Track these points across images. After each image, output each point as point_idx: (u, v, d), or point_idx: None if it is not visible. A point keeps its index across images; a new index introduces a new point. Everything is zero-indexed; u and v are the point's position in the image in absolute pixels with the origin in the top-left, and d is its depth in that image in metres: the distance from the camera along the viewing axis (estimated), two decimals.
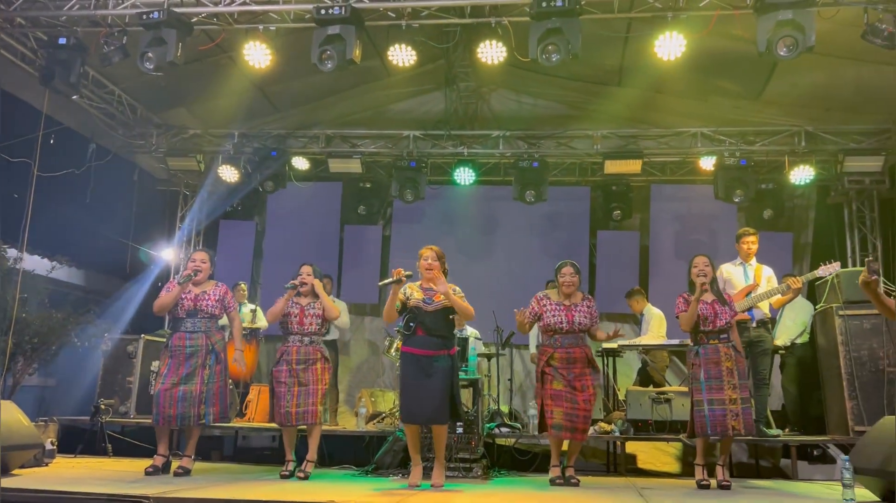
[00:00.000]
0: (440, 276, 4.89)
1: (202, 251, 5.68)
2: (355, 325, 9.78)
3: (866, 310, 6.26)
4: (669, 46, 6.15)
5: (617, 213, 9.13)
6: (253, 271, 10.08)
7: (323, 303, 5.49)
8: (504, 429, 6.74)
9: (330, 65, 5.97)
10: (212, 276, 5.62)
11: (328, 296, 5.93)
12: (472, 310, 4.98)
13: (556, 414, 5.13)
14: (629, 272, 9.24)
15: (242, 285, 8.59)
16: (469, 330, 7.82)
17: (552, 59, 5.77)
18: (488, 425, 6.66)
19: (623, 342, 7.44)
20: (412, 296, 4.97)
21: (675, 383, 7.74)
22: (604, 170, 8.87)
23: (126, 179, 9.35)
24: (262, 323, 8.39)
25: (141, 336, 7.68)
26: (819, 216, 9.36)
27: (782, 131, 8.53)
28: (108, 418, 6.82)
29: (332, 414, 8.11)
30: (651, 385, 7.32)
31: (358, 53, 5.99)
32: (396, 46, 6.42)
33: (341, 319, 8.04)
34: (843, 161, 8.29)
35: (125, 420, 7.26)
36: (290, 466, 5.35)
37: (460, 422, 5.62)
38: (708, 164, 8.77)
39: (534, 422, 6.76)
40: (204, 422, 5.29)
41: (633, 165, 8.69)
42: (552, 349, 5.23)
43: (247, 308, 8.45)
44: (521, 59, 6.07)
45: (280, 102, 8.98)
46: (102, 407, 6.71)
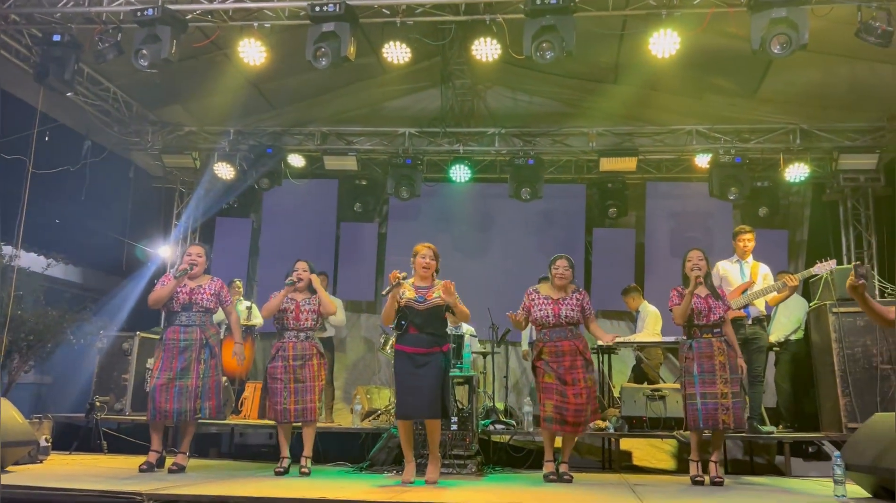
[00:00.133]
0: (452, 291, 4.90)
1: (198, 245, 5.69)
2: (351, 323, 9.78)
3: (860, 307, 6.25)
4: (664, 44, 6.16)
5: (612, 210, 9.14)
6: (249, 268, 10.07)
7: (320, 299, 5.50)
8: (499, 426, 6.76)
9: (324, 62, 5.96)
10: (207, 272, 5.62)
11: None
12: (468, 313, 5.06)
13: (548, 407, 5.16)
14: (625, 269, 9.25)
15: (238, 282, 8.58)
16: (465, 327, 7.84)
17: (546, 56, 5.78)
18: (483, 422, 6.67)
19: (618, 339, 7.46)
20: (404, 294, 4.98)
21: (670, 380, 7.75)
22: (599, 167, 8.87)
23: (122, 177, 9.35)
24: (258, 320, 8.38)
25: (136, 333, 7.67)
26: (814, 214, 9.38)
27: (777, 129, 8.53)
28: (104, 415, 6.83)
29: (328, 411, 8.11)
30: (645, 382, 7.33)
31: (352, 51, 5.99)
32: (391, 44, 6.42)
33: (337, 316, 8.06)
34: (837, 158, 8.30)
35: (120, 417, 7.26)
36: (284, 463, 5.35)
37: (454, 418, 5.65)
38: (703, 161, 8.78)
39: (528, 419, 6.79)
40: (200, 416, 5.30)
41: (628, 163, 8.70)
42: (542, 343, 5.27)
43: (242, 305, 8.44)
44: (516, 56, 6.07)
45: (276, 99, 8.97)
46: (97, 404, 6.71)
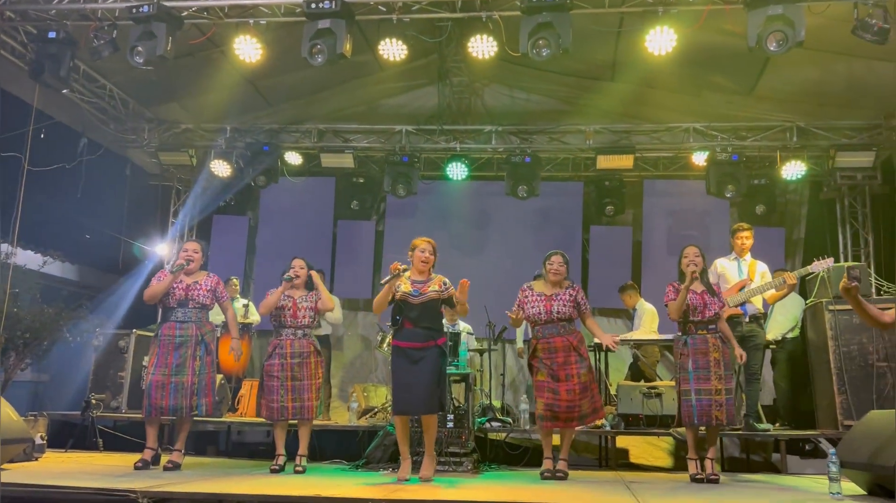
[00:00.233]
0: (466, 291, 4.92)
1: (194, 241, 5.68)
2: (348, 321, 9.78)
3: (853, 309, 6.25)
4: (660, 41, 6.15)
5: (610, 208, 9.14)
6: (246, 266, 10.06)
7: (320, 294, 5.50)
8: (495, 424, 6.76)
9: (320, 59, 5.95)
10: (204, 269, 5.61)
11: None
12: (468, 310, 5.13)
13: (540, 404, 5.18)
14: (622, 267, 9.25)
15: (234, 280, 8.56)
16: (462, 325, 7.85)
17: (542, 53, 5.77)
18: (479, 420, 6.67)
19: (617, 338, 7.45)
20: (399, 287, 4.97)
21: (667, 378, 7.75)
22: (596, 165, 8.86)
23: (118, 174, 9.33)
24: (255, 318, 8.38)
25: (132, 331, 7.65)
26: (811, 211, 9.38)
27: (774, 126, 8.53)
28: (99, 413, 6.81)
29: (324, 409, 8.11)
30: (642, 380, 7.33)
31: (348, 48, 5.98)
32: (387, 40, 6.41)
33: (334, 314, 8.03)
34: (834, 156, 8.30)
35: (116, 415, 7.25)
36: (280, 460, 5.34)
37: (450, 415, 5.64)
38: (700, 159, 8.78)
39: (525, 417, 6.78)
40: (196, 412, 5.29)
41: (625, 160, 8.69)
42: (536, 341, 5.27)
43: (239, 303, 8.43)
44: (512, 53, 6.06)
45: (272, 97, 8.95)
46: (93, 401, 6.70)
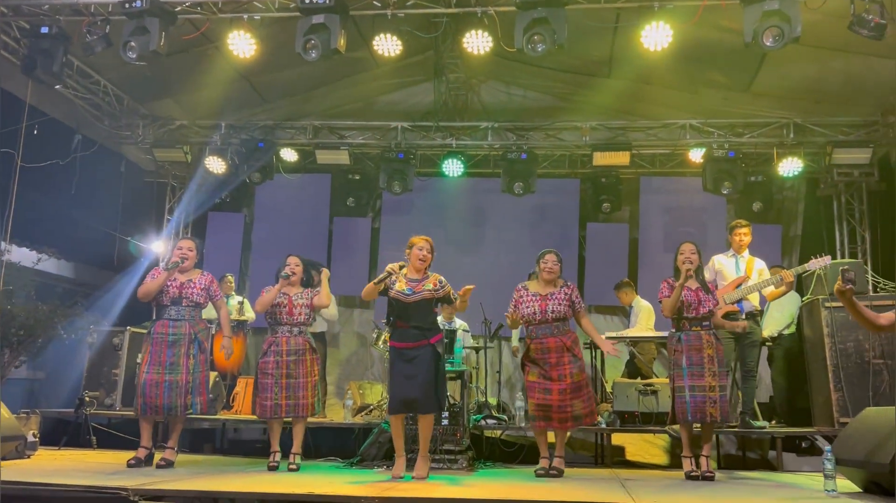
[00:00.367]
0: (467, 298, 4.97)
1: (189, 239, 5.65)
2: (344, 318, 9.75)
3: (848, 312, 6.23)
4: (656, 37, 6.12)
5: (606, 205, 9.10)
6: (241, 263, 10.03)
7: (319, 289, 5.50)
8: (490, 421, 6.74)
9: (314, 54, 5.92)
10: (198, 267, 5.58)
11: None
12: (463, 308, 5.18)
13: (530, 404, 5.20)
14: (618, 264, 9.22)
15: (229, 277, 8.53)
16: (458, 322, 7.84)
17: (538, 49, 5.75)
18: (475, 417, 6.65)
19: (610, 334, 7.45)
20: (394, 285, 4.94)
21: (663, 375, 7.73)
22: (592, 161, 8.83)
23: (113, 171, 9.29)
24: (250, 315, 8.36)
25: (126, 328, 7.62)
26: (808, 209, 9.35)
27: (771, 123, 8.51)
28: (93, 410, 6.79)
29: (322, 405, 8.08)
30: (639, 377, 7.31)
31: (343, 43, 5.95)
32: (382, 36, 6.38)
33: (330, 310, 8.00)
34: (831, 153, 8.27)
35: (111, 412, 7.22)
36: (276, 457, 5.32)
37: (445, 413, 5.62)
38: (697, 156, 8.76)
39: (521, 414, 6.76)
40: (191, 411, 5.27)
41: (621, 157, 8.66)
42: (530, 340, 5.26)
43: (234, 300, 8.40)
44: (508, 49, 6.03)
45: (268, 93, 8.92)
46: (87, 399, 6.67)
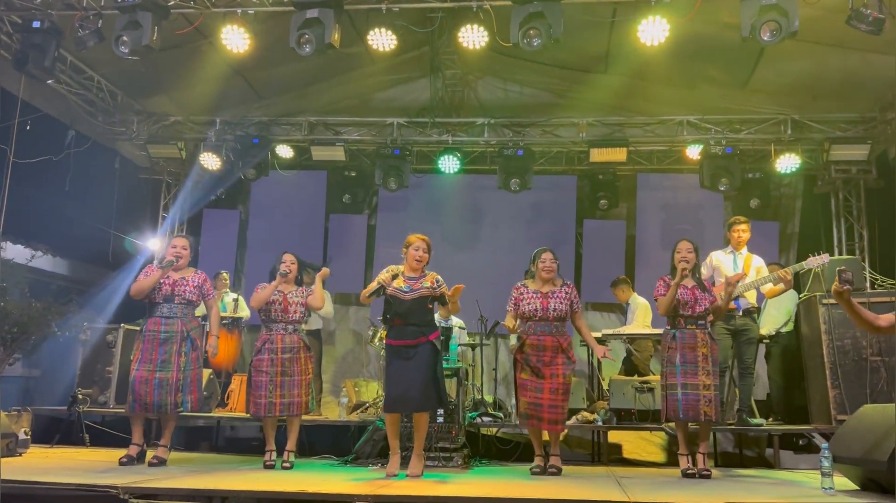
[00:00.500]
0: (457, 298, 4.90)
1: (183, 237, 5.60)
2: (340, 315, 9.71)
3: (846, 313, 6.20)
4: (653, 31, 6.08)
5: (603, 202, 9.07)
6: (237, 261, 9.99)
7: (312, 290, 5.46)
8: (486, 419, 6.70)
9: (308, 49, 5.87)
10: (193, 264, 5.56)
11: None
12: (459, 307, 5.17)
13: (522, 403, 5.17)
14: (615, 261, 9.20)
15: (224, 274, 8.50)
16: (454, 320, 7.78)
17: (534, 43, 5.71)
18: (470, 414, 6.61)
19: (607, 331, 7.42)
20: (391, 283, 4.91)
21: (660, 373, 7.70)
22: (589, 158, 8.79)
23: (107, 167, 9.22)
24: (245, 313, 8.32)
25: (120, 325, 7.57)
26: (806, 206, 9.34)
27: (768, 119, 8.47)
28: (87, 408, 6.73)
29: (316, 404, 8.04)
30: (635, 374, 7.27)
31: (337, 38, 5.90)
32: (376, 30, 6.32)
33: (325, 308, 7.97)
34: (829, 149, 8.23)
35: (104, 410, 7.17)
36: (272, 456, 5.29)
37: (441, 411, 5.58)
38: (694, 152, 8.72)
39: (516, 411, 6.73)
40: (181, 409, 5.23)
41: (618, 153, 8.62)
42: (525, 336, 5.21)
43: (229, 297, 8.37)
44: (503, 43, 5.99)
45: (263, 90, 8.87)
46: (80, 397, 6.62)
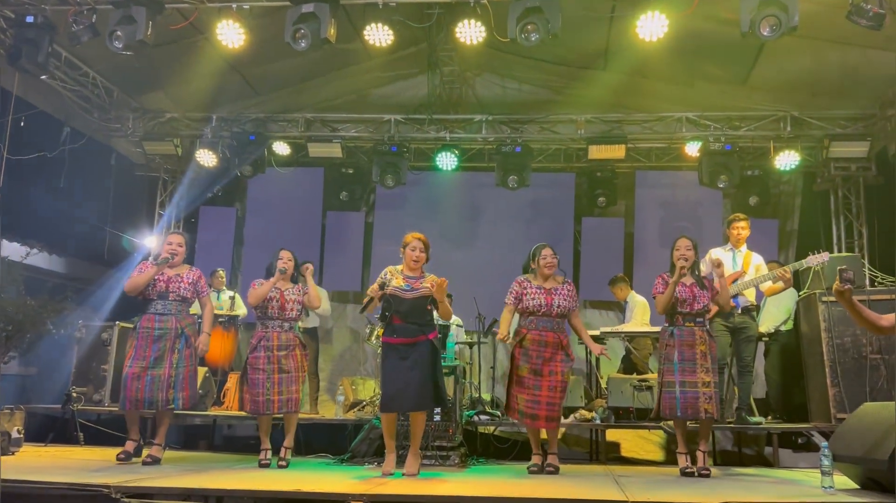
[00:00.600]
0: (444, 290, 4.82)
1: (179, 234, 5.55)
2: (337, 313, 9.67)
3: (848, 312, 6.17)
4: (651, 27, 6.04)
5: (602, 199, 9.04)
6: (233, 258, 9.94)
7: (308, 290, 5.42)
8: (484, 417, 6.66)
9: (304, 44, 5.82)
10: (190, 261, 5.52)
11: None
12: (451, 312, 5.15)
13: (520, 400, 5.10)
14: (614, 259, 9.17)
15: (221, 272, 8.45)
16: (452, 317, 7.74)
17: (531, 38, 5.66)
18: (467, 413, 6.57)
19: (606, 329, 7.39)
20: (391, 282, 4.87)
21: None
22: (588, 155, 8.75)
23: (103, 164, 9.18)
24: (242, 310, 8.27)
25: (115, 323, 7.52)
26: (805, 203, 9.31)
27: (768, 116, 8.43)
28: (81, 406, 6.68)
29: (312, 402, 8.00)
30: (634, 372, 7.24)
31: (333, 32, 5.85)
32: (373, 25, 6.27)
33: (322, 306, 7.92)
34: (829, 146, 8.20)
35: (99, 408, 7.12)
36: (268, 455, 5.25)
37: (439, 410, 5.54)
38: (693, 149, 8.69)
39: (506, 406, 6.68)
40: (172, 406, 5.19)
41: (617, 150, 8.58)
42: (526, 330, 5.15)
43: (225, 295, 8.33)
44: (501, 39, 5.94)
45: (260, 86, 8.82)
46: (74, 395, 6.57)
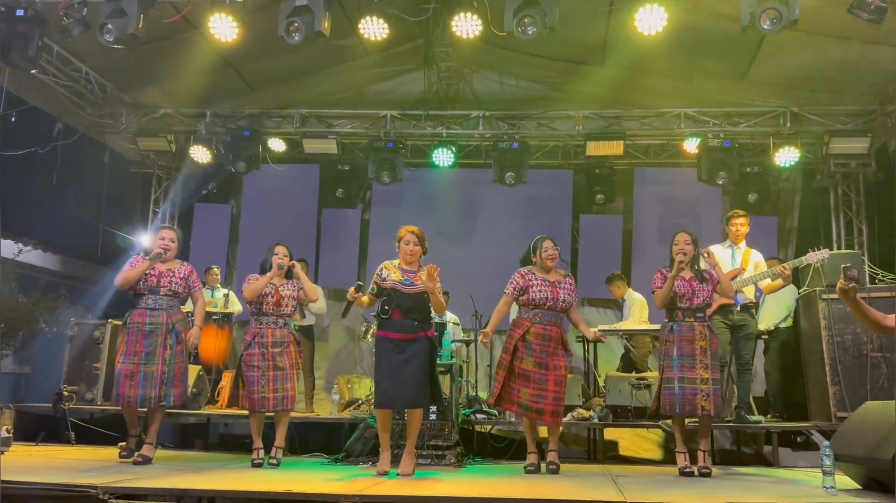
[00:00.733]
0: (435, 277, 4.72)
1: (171, 229, 5.49)
2: (333, 311, 9.57)
3: (851, 311, 6.10)
4: (650, 20, 5.98)
5: (600, 196, 8.98)
6: (228, 255, 9.87)
7: (303, 285, 5.35)
8: (480, 416, 6.59)
9: (297, 37, 5.75)
10: (185, 258, 5.47)
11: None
12: (444, 304, 5.09)
13: (523, 394, 5.01)
14: (612, 257, 9.11)
15: (215, 269, 8.39)
16: (448, 315, 7.69)
17: (528, 32, 5.59)
18: (464, 411, 6.50)
19: (604, 327, 7.30)
20: (389, 276, 4.80)
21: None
22: (586, 151, 8.68)
23: (96, 160, 9.09)
24: (236, 307, 8.20)
25: (108, 321, 7.43)
26: (804, 200, 9.26)
27: (767, 112, 8.38)
28: (73, 405, 6.61)
29: (308, 400, 7.93)
30: (633, 371, 7.17)
31: (327, 26, 5.78)
32: (368, 18, 6.19)
33: (318, 304, 7.87)
34: (828, 142, 8.14)
35: (91, 407, 7.04)
36: (260, 454, 5.17)
37: (434, 408, 5.47)
38: (692, 146, 8.63)
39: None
40: (164, 403, 5.12)
41: (615, 147, 8.52)
42: (530, 323, 5.07)
43: (220, 292, 8.25)
44: (497, 32, 5.87)
45: (255, 82, 8.74)
46: (66, 393, 6.50)
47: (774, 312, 7.13)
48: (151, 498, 3.76)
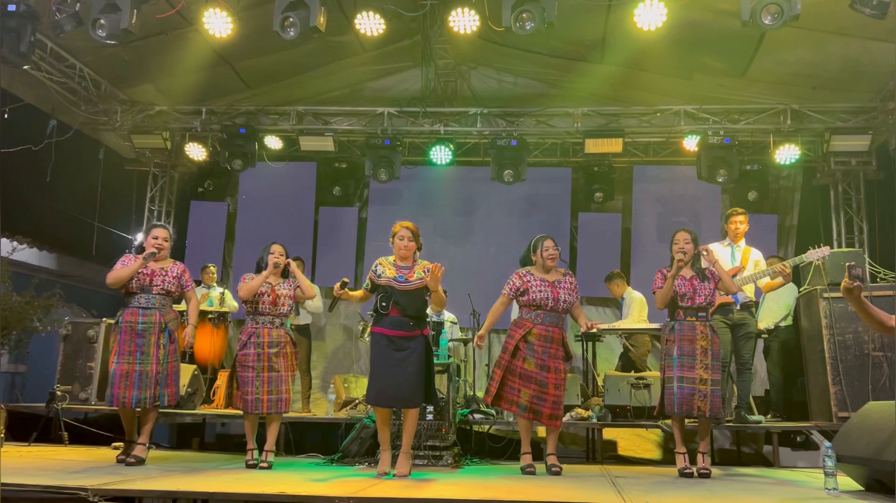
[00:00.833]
0: (438, 277, 4.68)
1: (164, 228, 5.40)
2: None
3: (856, 311, 6.05)
4: (650, 16, 5.93)
5: (598, 194, 8.93)
6: (224, 254, 9.80)
7: (300, 283, 5.28)
8: (478, 416, 6.53)
9: (292, 32, 5.68)
10: (181, 258, 5.38)
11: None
12: (445, 300, 4.95)
13: (523, 395, 4.94)
14: (611, 255, 9.06)
15: (211, 268, 8.32)
16: (446, 314, 7.61)
17: (526, 27, 5.53)
18: (461, 411, 6.44)
19: (603, 326, 7.25)
20: (384, 273, 4.74)
21: (658, 368, 7.54)
22: (584, 149, 8.62)
23: (91, 158, 9.03)
24: (232, 305, 8.13)
25: (102, 320, 7.36)
26: (805, 198, 9.22)
27: (767, 109, 8.32)
28: (66, 405, 6.53)
29: (304, 400, 7.87)
30: (632, 370, 7.12)
31: (322, 21, 5.71)
32: (364, 14, 6.13)
33: (314, 303, 7.82)
34: (829, 140, 8.10)
35: (85, 407, 6.96)
36: (254, 455, 5.12)
37: (431, 408, 5.41)
38: (691, 143, 8.58)
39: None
40: (159, 403, 5.05)
41: (614, 144, 8.45)
42: (532, 324, 5.00)
43: (215, 291, 8.18)
44: (495, 28, 5.80)
45: (252, 79, 8.67)
46: (58, 393, 6.42)
47: (774, 311, 7.08)
48: (142, 500, 3.69)
